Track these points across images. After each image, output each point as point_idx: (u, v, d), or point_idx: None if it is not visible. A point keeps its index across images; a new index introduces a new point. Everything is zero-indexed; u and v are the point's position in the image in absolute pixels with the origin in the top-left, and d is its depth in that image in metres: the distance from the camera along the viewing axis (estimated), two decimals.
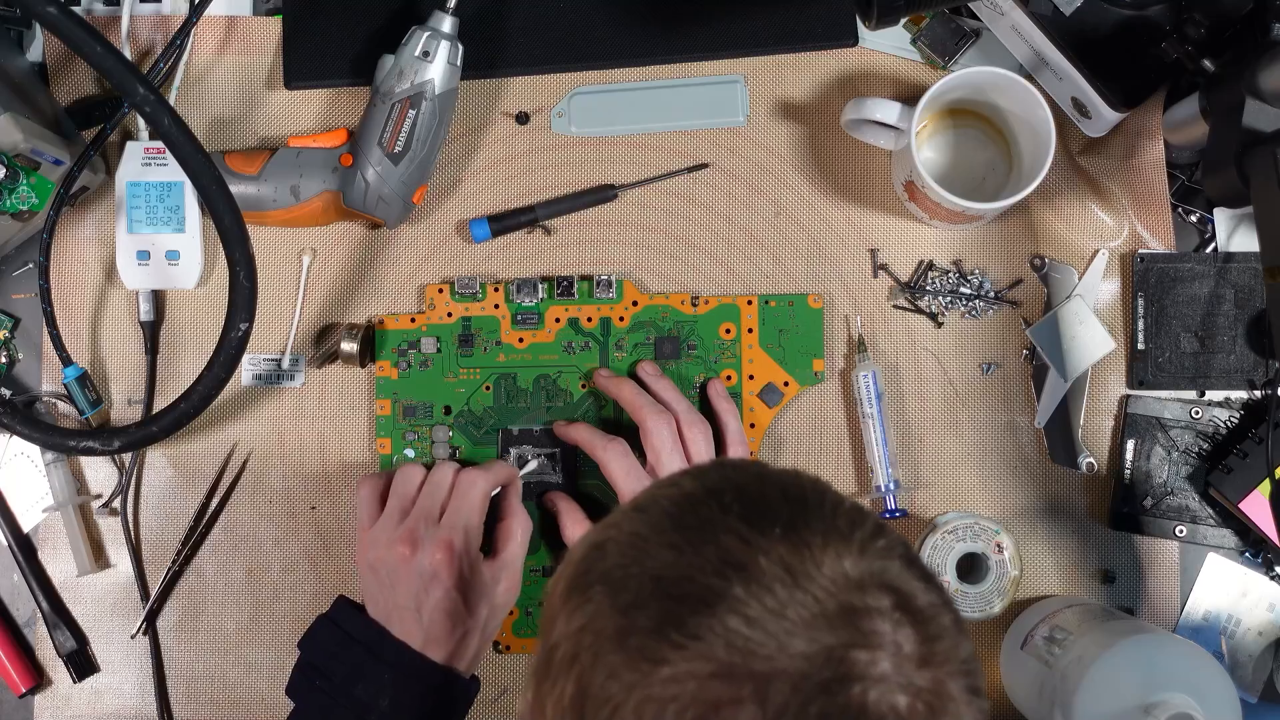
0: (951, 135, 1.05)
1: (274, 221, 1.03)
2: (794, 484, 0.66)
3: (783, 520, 0.62)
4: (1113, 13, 0.97)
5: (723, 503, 0.63)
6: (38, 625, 1.05)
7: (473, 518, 0.95)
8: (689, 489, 0.65)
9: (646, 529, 0.64)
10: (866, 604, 0.60)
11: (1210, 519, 1.04)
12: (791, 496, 0.64)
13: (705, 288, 1.06)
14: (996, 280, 1.06)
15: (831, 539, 0.62)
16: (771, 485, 0.65)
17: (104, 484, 1.06)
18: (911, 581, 0.62)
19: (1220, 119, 0.92)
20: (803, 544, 0.61)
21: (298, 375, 1.06)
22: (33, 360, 1.07)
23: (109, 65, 0.90)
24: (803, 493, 0.65)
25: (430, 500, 0.96)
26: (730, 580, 0.60)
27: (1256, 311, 1.04)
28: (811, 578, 0.60)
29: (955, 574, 1.00)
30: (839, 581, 0.60)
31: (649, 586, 0.61)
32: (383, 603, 0.94)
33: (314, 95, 1.07)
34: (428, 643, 0.92)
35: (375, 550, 0.95)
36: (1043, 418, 1.05)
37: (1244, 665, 1.04)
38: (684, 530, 0.63)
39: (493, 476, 0.98)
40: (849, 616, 0.60)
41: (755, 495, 0.64)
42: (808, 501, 0.64)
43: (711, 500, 0.64)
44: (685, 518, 0.63)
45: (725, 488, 0.65)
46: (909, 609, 0.61)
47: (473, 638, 0.94)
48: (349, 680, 0.92)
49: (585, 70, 1.07)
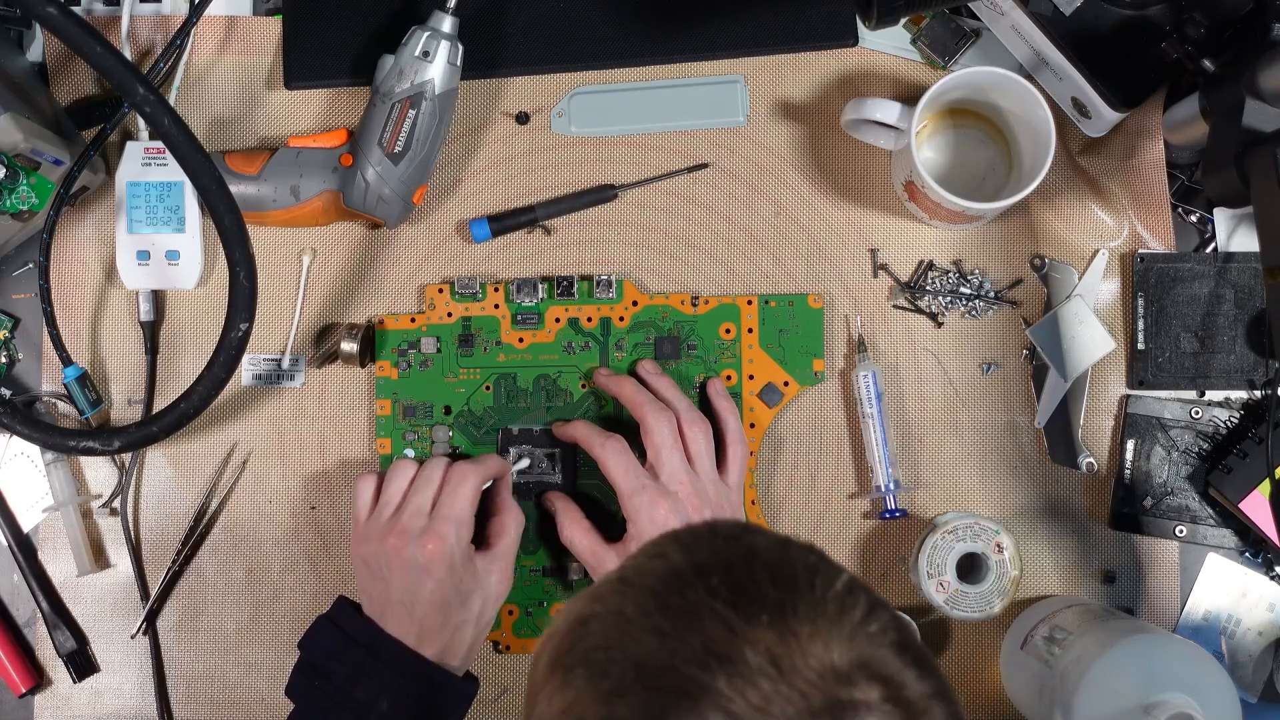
0: (951, 135, 1.05)
1: (274, 221, 1.03)
2: (784, 561, 0.63)
3: (770, 606, 0.60)
4: (1113, 13, 0.97)
5: (710, 585, 0.61)
6: (38, 625, 1.05)
7: (463, 511, 0.96)
8: (676, 563, 0.63)
9: (631, 608, 0.62)
10: (854, 697, 0.59)
11: (1210, 519, 1.04)
12: (781, 578, 0.62)
13: (705, 288, 1.06)
14: (996, 280, 1.06)
15: (820, 626, 0.60)
16: (761, 565, 0.63)
17: (104, 484, 1.06)
18: (903, 670, 0.60)
19: (1220, 119, 0.92)
20: (790, 633, 0.59)
21: (298, 375, 1.06)
22: (33, 360, 1.07)
23: (109, 65, 0.90)
24: (793, 574, 0.63)
25: (421, 495, 0.96)
26: (714, 673, 0.58)
27: (1256, 311, 1.04)
28: (798, 670, 0.58)
29: (955, 574, 1.00)
30: (825, 674, 0.59)
31: (631, 674, 0.60)
32: (377, 597, 0.95)
33: (314, 95, 1.07)
34: (421, 635, 0.93)
35: (368, 545, 0.96)
36: (1043, 418, 1.05)
37: (1244, 665, 1.04)
38: (669, 613, 0.61)
39: (483, 470, 0.98)
40: (835, 711, 0.58)
41: (743, 576, 0.62)
42: (798, 584, 0.62)
43: (698, 581, 0.62)
44: (671, 599, 0.61)
45: (713, 567, 0.63)
46: (899, 700, 0.60)
47: (466, 630, 0.95)
48: (349, 681, 0.92)
49: (585, 70, 1.07)
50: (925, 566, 1.00)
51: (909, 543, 1.04)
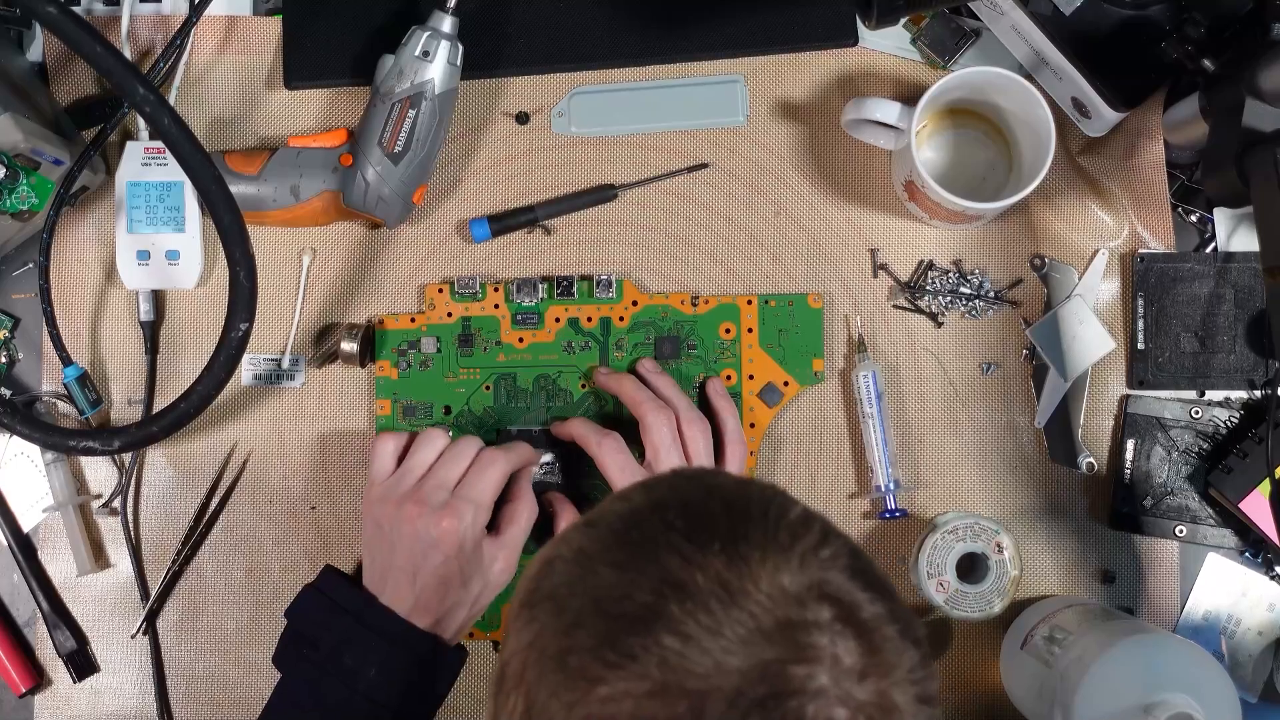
0: (951, 135, 1.05)
1: (274, 221, 1.03)
2: (740, 496, 0.65)
3: (723, 535, 0.62)
4: (1113, 13, 0.97)
5: (666, 519, 0.63)
6: (38, 625, 1.05)
7: (486, 494, 0.96)
8: (637, 503, 0.66)
9: (593, 545, 0.64)
10: (805, 617, 0.60)
11: (1210, 519, 1.04)
12: (735, 510, 0.64)
13: (705, 288, 1.06)
14: (996, 280, 1.06)
15: (771, 551, 0.61)
16: (716, 498, 0.65)
17: (104, 484, 1.06)
18: (855, 592, 0.62)
19: (1220, 119, 0.92)
20: (740, 559, 0.61)
21: (298, 375, 1.06)
22: (33, 360, 1.07)
23: (109, 65, 0.90)
24: (746, 505, 0.64)
25: (449, 469, 0.97)
26: (667, 599, 0.60)
27: (1256, 311, 1.04)
28: (748, 593, 0.60)
29: (955, 574, 1.00)
30: (776, 596, 0.60)
31: (589, 606, 0.62)
32: (381, 560, 0.95)
33: (314, 95, 1.07)
34: (416, 607, 0.94)
35: (384, 507, 0.96)
36: (1043, 418, 1.05)
37: (1244, 665, 1.04)
38: (627, 548, 0.63)
39: (513, 458, 0.99)
40: (786, 631, 0.59)
41: (698, 510, 0.64)
42: (751, 514, 0.64)
43: (655, 516, 0.64)
44: (629, 534, 0.64)
45: (670, 502, 0.65)
46: (850, 620, 0.61)
47: (461, 610, 0.95)
48: (337, 649, 0.93)
49: (585, 70, 1.07)
50: (925, 566, 1.00)
51: (909, 543, 1.04)
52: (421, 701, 0.94)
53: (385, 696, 0.92)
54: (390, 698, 0.92)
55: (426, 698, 0.95)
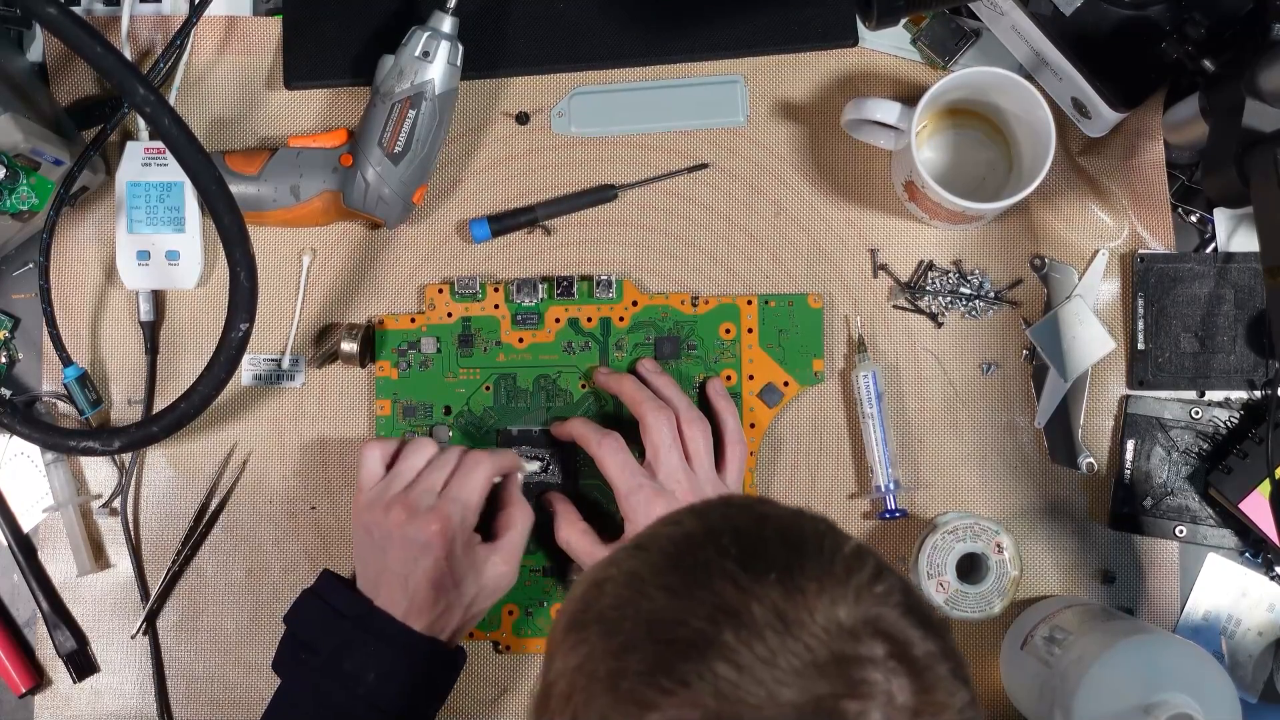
0: (951, 135, 1.05)
1: (274, 221, 1.03)
2: (793, 526, 0.65)
3: (779, 565, 0.62)
4: (1113, 13, 0.97)
5: (720, 545, 0.63)
6: (38, 625, 1.05)
7: (472, 496, 0.96)
8: (689, 528, 0.65)
9: (645, 569, 0.64)
10: (859, 653, 0.60)
11: (1210, 519, 1.04)
12: (790, 540, 0.64)
13: (705, 288, 1.06)
14: (996, 280, 1.06)
15: (827, 584, 0.61)
16: (771, 527, 0.65)
17: (104, 484, 1.06)
18: (909, 629, 0.61)
19: (1220, 119, 0.92)
20: (797, 590, 0.61)
21: (298, 375, 1.06)
22: (33, 360, 1.07)
23: (109, 65, 0.90)
24: (801, 536, 0.64)
25: (435, 475, 0.97)
26: (721, 626, 0.60)
27: (1256, 311, 1.04)
28: (804, 625, 0.60)
29: (955, 574, 1.00)
30: (832, 629, 0.60)
31: (642, 630, 0.61)
32: (373, 565, 0.95)
33: (314, 95, 1.07)
34: (410, 610, 0.93)
35: (373, 513, 0.96)
36: (1043, 418, 1.05)
37: (1244, 665, 1.04)
38: (680, 572, 0.63)
39: (498, 461, 0.99)
40: (841, 665, 0.59)
41: (754, 538, 0.64)
42: (806, 546, 0.63)
43: (709, 543, 0.63)
44: (683, 559, 0.63)
45: (724, 529, 0.64)
46: (904, 658, 0.61)
47: (455, 612, 0.95)
48: (336, 654, 0.92)
49: (585, 70, 1.07)
50: (925, 566, 1.00)
51: (909, 543, 1.04)
52: (422, 705, 0.94)
53: (386, 701, 0.92)
54: (391, 702, 0.92)
55: (427, 701, 0.95)
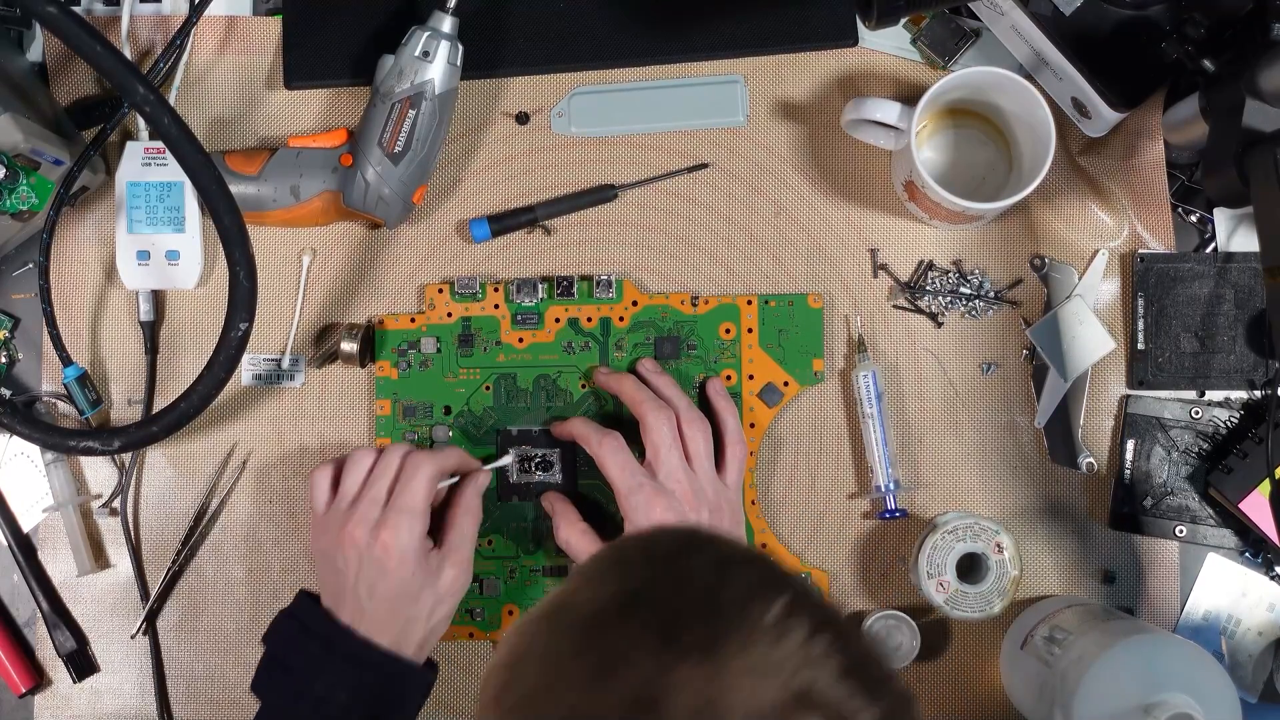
0: (951, 135, 1.05)
1: (274, 221, 1.03)
2: (719, 588, 0.61)
3: (699, 644, 0.58)
4: (1113, 13, 0.97)
5: (643, 619, 0.60)
6: (38, 625, 1.05)
7: (416, 502, 0.94)
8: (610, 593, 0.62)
9: (564, 645, 0.61)
10: None
11: (1210, 519, 1.04)
12: (714, 605, 0.60)
13: (705, 288, 1.06)
14: (996, 280, 1.06)
15: (752, 659, 0.57)
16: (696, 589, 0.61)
17: (104, 484, 1.06)
18: (847, 697, 0.58)
19: (1220, 119, 0.92)
20: (721, 670, 0.57)
21: (298, 375, 1.06)
22: (33, 360, 1.07)
23: (109, 65, 0.90)
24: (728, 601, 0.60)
25: (378, 485, 0.95)
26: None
27: (1256, 311, 1.04)
28: (733, 710, 0.56)
29: (955, 574, 1.00)
30: (759, 712, 0.56)
31: None
32: (332, 587, 0.94)
33: (314, 95, 1.07)
34: (373, 627, 0.92)
35: (327, 536, 0.95)
36: (1043, 418, 1.05)
37: (1244, 665, 1.04)
38: (597, 652, 0.59)
39: (439, 462, 0.96)
40: None
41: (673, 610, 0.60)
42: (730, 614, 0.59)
43: (630, 619, 0.60)
44: (601, 638, 0.60)
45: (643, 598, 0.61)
46: None
47: (417, 625, 0.94)
48: (308, 674, 0.92)
49: (585, 70, 1.07)
50: (925, 566, 1.00)
51: (909, 543, 1.04)
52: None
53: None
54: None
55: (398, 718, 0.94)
